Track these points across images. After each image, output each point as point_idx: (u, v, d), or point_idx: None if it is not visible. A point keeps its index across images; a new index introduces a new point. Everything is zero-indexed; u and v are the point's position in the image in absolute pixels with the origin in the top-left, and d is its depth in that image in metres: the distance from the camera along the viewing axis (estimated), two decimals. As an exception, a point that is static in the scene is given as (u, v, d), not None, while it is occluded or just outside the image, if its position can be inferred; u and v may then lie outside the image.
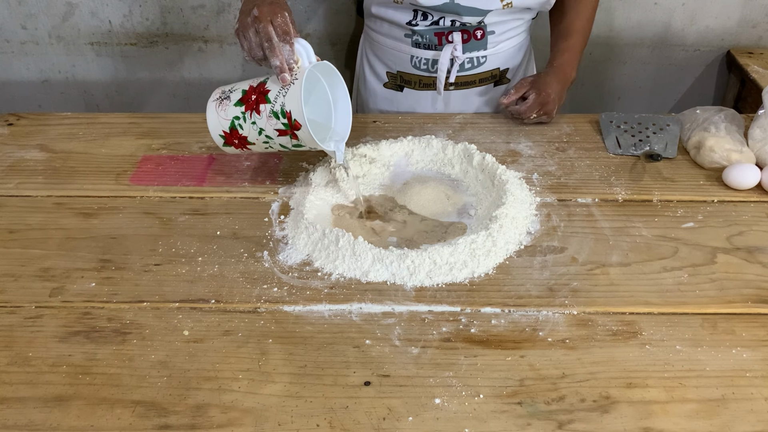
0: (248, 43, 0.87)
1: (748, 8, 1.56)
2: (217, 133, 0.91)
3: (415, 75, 1.19)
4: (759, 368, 0.71)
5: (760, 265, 0.84)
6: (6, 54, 1.66)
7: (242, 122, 0.88)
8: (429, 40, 1.13)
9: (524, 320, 0.76)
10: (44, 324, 0.76)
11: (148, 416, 0.66)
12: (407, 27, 1.13)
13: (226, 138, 0.91)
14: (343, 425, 0.65)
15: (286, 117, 0.84)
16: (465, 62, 1.15)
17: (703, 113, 1.07)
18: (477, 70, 1.17)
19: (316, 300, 0.79)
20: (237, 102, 0.88)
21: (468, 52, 1.14)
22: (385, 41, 1.19)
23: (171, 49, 1.65)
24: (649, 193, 0.96)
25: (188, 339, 0.74)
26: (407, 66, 1.18)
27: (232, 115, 0.88)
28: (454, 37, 1.12)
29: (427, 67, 1.17)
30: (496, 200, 0.92)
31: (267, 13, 0.85)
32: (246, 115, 0.87)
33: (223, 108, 0.89)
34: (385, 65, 1.21)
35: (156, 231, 0.90)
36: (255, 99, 0.86)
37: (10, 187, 0.99)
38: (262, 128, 0.87)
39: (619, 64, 1.67)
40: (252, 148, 0.91)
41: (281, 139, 0.88)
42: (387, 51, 1.19)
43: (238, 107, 0.88)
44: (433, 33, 1.12)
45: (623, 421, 0.65)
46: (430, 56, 1.15)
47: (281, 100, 0.84)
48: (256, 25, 0.85)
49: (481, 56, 1.16)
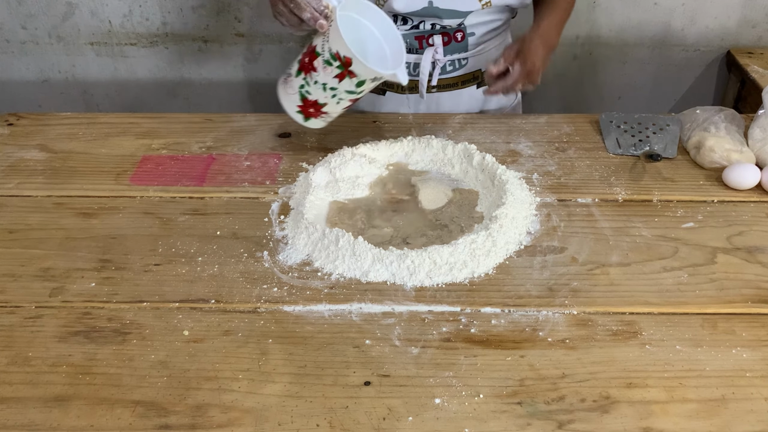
0: (284, 17, 0.91)
1: (748, 8, 1.56)
2: (294, 111, 0.96)
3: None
4: (759, 368, 0.71)
5: (760, 265, 0.84)
6: (6, 54, 1.66)
7: (307, 87, 0.92)
8: (410, 44, 1.13)
9: (524, 320, 0.76)
10: (44, 324, 0.76)
11: (148, 416, 0.66)
12: None
13: (303, 111, 0.95)
14: (343, 425, 0.65)
15: (337, 58, 0.87)
16: (446, 65, 1.15)
17: (703, 113, 1.07)
18: (459, 72, 1.17)
19: (316, 300, 0.79)
20: (297, 72, 0.93)
21: (449, 55, 1.14)
22: None
23: (171, 49, 1.65)
24: (649, 193, 0.96)
25: (188, 339, 0.74)
26: None
27: (297, 86, 0.93)
28: (434, 40, 1.12)
29: (408, 71, 1.16)
30: (496, 200, 0.92)
31: None
32: (307, 78, 0.91)
33: (289, 84, 0.94)
34: None
35: (156, 231, 0.90)
36: (308, 59, 0.90)
37: (10, 187, 0.99)
38: (324, 82, 0.90)
39: (619, 64, 1.67)
40: (328, 110, 0.95)
41: (344, 85, 0.90)
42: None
43: (299, 76, 0.92)
44: (414, 37, 1.12)
45: (623, 421, 0.65)
46: (412, 60, 1.14)
47: (327, 47, 0.88)
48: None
49: (462, 58, 1.16)
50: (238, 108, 1.74)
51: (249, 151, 1.07)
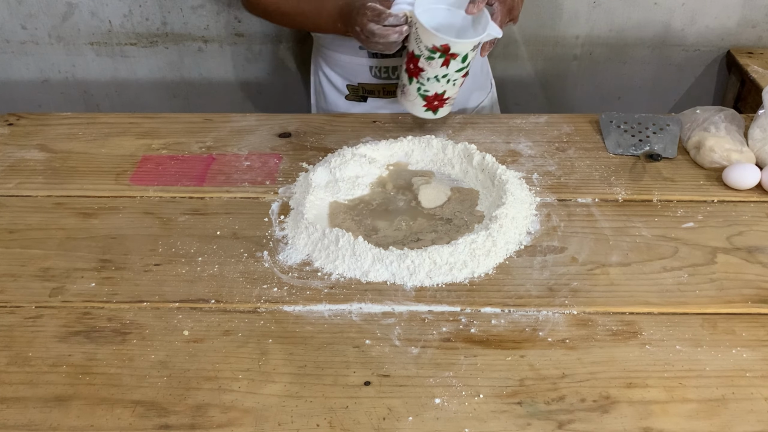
0: (377, 38, 0.95)
1: (748, 8, 1.56)
2: (423, 112, 1.01)
3: (377, 84, 1.19)
4: (759, 368, 0.71)
5: (760, 265, 0.84)
6: (6, 54, 1.66)
7: (424, 87, 0.98)
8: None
9: (524, 320, 0.76)
10: (44, 324, 0.76)
11: (148, 416, 0.66)
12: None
13: (430, 107, 1.01)
14: (343, 425, 0.65)
15: (435, 51, 0.92)
16: None
17: (703, 113, 1.07)
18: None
19: (316, 300, 0.79)
20: (408, 80, 0.99)
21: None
22: (340, 57, 1.18)
23: (171, 49, 1.65)
24: (649, 193, 0.96)
25: (188, 339, 0.74)
26: (368, 77, 1.18)
27: (414, 91, 0.99)
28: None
29: (388, 75, 1.17)
30: (496, 200, 0.92)
31: (359, 18, 0.96)
32: (420, 80, 0.97)
33: (407, 93, 1.00)
34: (344, 78, 1.21)
35: (156, 231, 0.90)
36: (412, 66, 0.96)
37: (10, 187, 0.99)
38: (436, 75, 0.96)
39: (619, 64, 1.67)
40: (449, 95, 1.00)
41: (453, 67, 0.95)
42: (344, 65, 1.19)
43: (412, 82, 0.98)
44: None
45: (623, 421, 0.65)
46: (389, 63, 1.15)
47: (422, 46, 0.93)
48: (362, 35, 0.97)
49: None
50: (238, 108, 1.74)
51: (249, 151, 1.07)
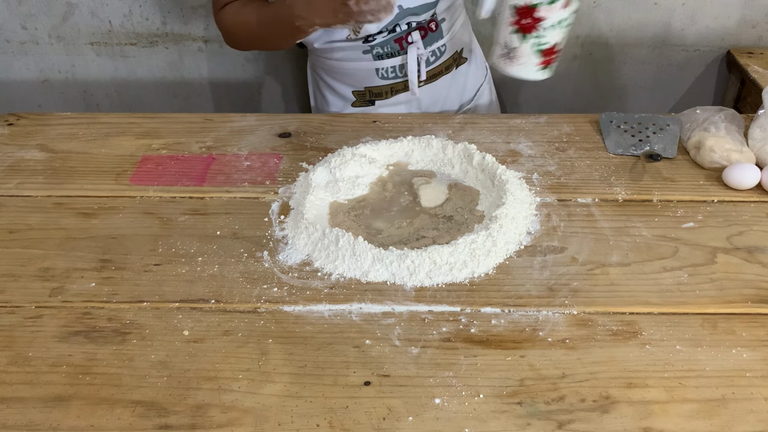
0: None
1: (748, 8, 1.56)
2: (535, 71, 0.90)
3: (384, 85, 1.19)
4: (759, 368, 0.71)
5: (760, 265, 0.84)
6: (6, 54, 1.66)
7: (541, 40, 0.87)
8: (391, 48, 1.14)
9: (524, 320, 0.76)
10: (44, 324, 0.76)
11: (148, 416, 0.66)
12: (365, 44, 1.13)
13: (546, 62, 0.90)
14: (343, 425, 0.65)
15: None
16: (428, 57, 1.17)
17: (703, 113, 1.07)
18: (440, 60, 1.19)
19: (316, 300, 0.79)
20: (521, 39, 0.87)
21: (429, 47, 1.16)
22: (343, 65, 1.18)
23: (171, 49, 1.65)
24: (649, 193, 0.96)
25: (188, 339, 0.74)
26: (374, 80, 1.18)
27: (529, 48, 0.88)
28: (413, 36, 1.13)
29: (395, 74, 1.17)
30: (496, 200, 0.92)
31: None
32: (538, 33, 0.86)
33: (517, 56, 0.89)
34: (349, 85, 1.21)
35: (156, 231, 0.90)
36: (529, 19, 0.85)
37: (10, 187, 0.99)
38: (559, 20, 0.86)
39: (619, 64, 1.67)
40: (561, 44, 0.90)
41: (571, 8, 0.86)
42: (348, 73, 1.19)
43: (526, 39, 0.87)
44: (393, 41, 1.13)
45: (623, 421, 0.65)
46: (396, 63, 1.16)
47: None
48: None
49: (441, 46, 1.17)
50: (238, 108, 1.74)
51: (249, 151, 1.07)
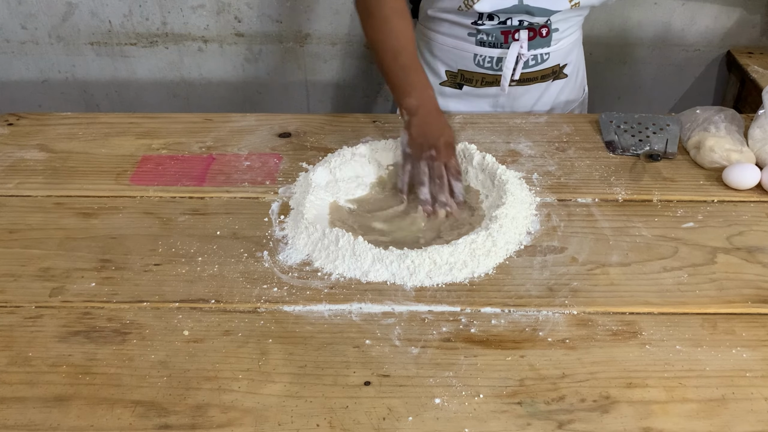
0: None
1: (748, 8, 1.56)
2: None
3: (477, 73, 1.18)
4: (759, 368, 0.71)
5: (760, 265, 0.84)
6: (6, 54, 1.66)
7: None
8: (495, 39, 1.12)
9: (524, 320, 0.76)
10: (44, 324, 0.76)
11: (148, 416, 0.66)
12: (472, 27, 1.12)
13: None
14: (343, 425, 0.65)
15: None
16: (529, 59, 1.15)
17: (703, 113, 1.07)
18: (540, 67, 1.17)
19: (316, 300, 0.79)
20: None
21: (533, 50, 1.14)
22: (445, 40, 1.17)
23: (171, 49, 1.65)
24: (649, 193, 0.96)
25: (188, 339, 0.74)
26: (470, 65, 1.17)
27: None
28: (520, 35, 1.11)
29: (491, 65, 1.16)
30: (496, 200, 0.92)
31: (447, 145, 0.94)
32: None
33: None
34: (444, 64, 1.20)
35: (156, 231, 0.90)
36: None
37: (10, 187, 0.99)
38: None
39: (619, 64, 1.67)
40: None
41: None
42: (448, 50, 1.18)
43: None
44: (500, 32, 1.11)
45: (623, 421, 0.65)
46: (495, 54, 1.14)
47: None
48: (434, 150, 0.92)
49: (544, 53, 1.16)
50: (238, 108, 1.74)
51: (249, 151, 1.07)
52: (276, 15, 1.60)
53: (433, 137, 0.93)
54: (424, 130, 0.94)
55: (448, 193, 0.91)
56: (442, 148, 0.92)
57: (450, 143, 0.94)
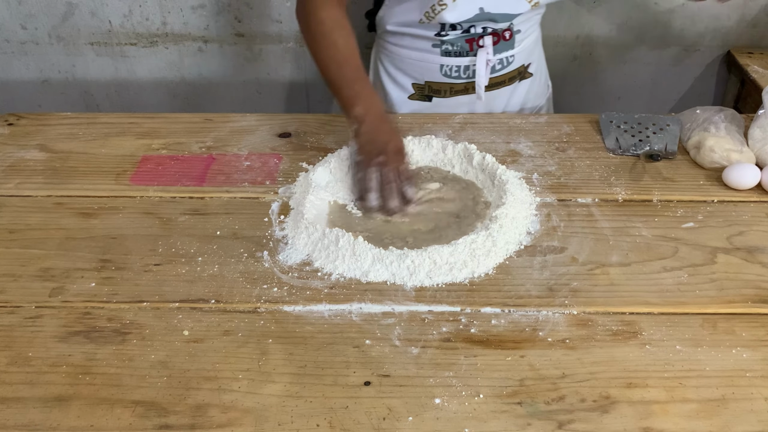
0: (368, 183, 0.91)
1: (748, 8, 1.56)
2: None
3: (445, 83, 1.17)
4: (759, 368, 0.71)
5: (760, 265, 0.84)
6: (6, 54, 1.66)
7: None
8: (460, 47, 1.12)
9: (524, 320, 0.76)
10: (44, 324, 0.76)
11: (148, 416, 0.66)
12: (436, 38, 1.12)
13: None
14: (343, 425, 0.65)
15: None
16: (496, 64, 1.15)
17: (703, 113, 1.07)
18: (506, 70, 1.17)
19: (316, 300, 0.79)
20: None
21: (498, 54, 1.14)
22: (409, 54, 1.17)
23: (171, 49, 1.65)
24: (649, 193, 0.96)
25: (188, 339, 0.74)
26: (437, 75, 1.17)
27: None
28: (485, 41, 1.11)
29: (458, 74, 1.16)
30: (496, 200, 0.92)
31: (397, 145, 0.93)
32: None
33: None
34: (410, 77, 1.19)
35: (156, 231, 0.90)
36: None
37: (10, 187, 0.99)
38: None
39: (619, 64, 1.67)
40: None
41: None
42: (412, 63, 1.17)
43: None
44: (464, 40, 1.12)
45: (623, 421, 0.65)
46: (462, 63, 1.14)
47: None
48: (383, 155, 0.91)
49: (509, 56, 1.16)
50: (238, 108, 1.74)
51: (249, 151, 1.07)
52: (276, 15, 1.60)
53: (382, 143, 0.92)
54: (372, 137, 0.93)
55: (400, 198, 0.90)
56: (391, 154, 0.91)
57: (399, 148, 0.93)
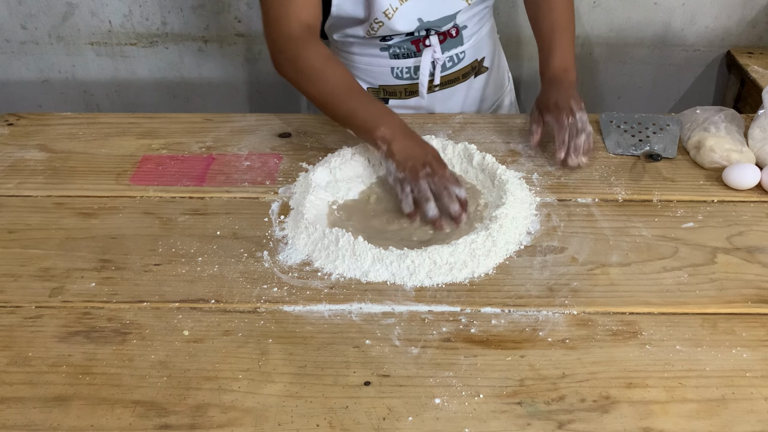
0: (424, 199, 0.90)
1: (748, 8, 1.56)
2: None
3: (399, 85, 1.17)
4: (759, 368, 0.71)
5: (760, 265, 0.84)
6: (6, 54, 1.66)
7: None
8: (407, 49, 1.12)
9: (524, 320, 0.76)
10: (44, 324, 0.76)
11: (148, 416, 0.66)
12: (382, 43, 1.12)
13: None
14: (343, 425, 0.65)
15: None
16: (445, 62, 1.15)
17: (703, 113, 1.07)
18: (458, 67, 1.17)
19: (316, 300, 0.79)
20: None
21: (447, 51, 1.14)
22: (360, 60, 1.16)
23: (171, 49, 1.65)
24: (649, 193, 0.96)
25: (188, 339, 0.74)
26: (389, 78, 1.17)
27: None
28: (431, 40, 1.11)
29: (410, 75, 1.16)
30: (496, 200, 0.92)
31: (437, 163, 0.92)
32: None
33: None
34: (365, 81, 1.19)
35: (156, 231, 0.90)
36: None
37: (10, 187, 0.99)
38: None
39: (619, 64, 1.67)
40: None
41: None
42: (364, 68, 1.17)
43: None
44: (410, 42, 1.12)
45: (623, 421, 0.65)
46: (411, 64, 1.14)
47: None
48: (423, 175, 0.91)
49: (459, 52, 1.16)
50: (238, 108, 1.74)
51: (249, 151, 1.07)
52: (276, 15, 1.60)
53: (421, 155, 0.92)
54: (409, 152, 0.93)
55: (457, 202, 0.90)
56: (434, 163, 0.92)
57: (438, 157, 0.94)
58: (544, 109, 1.03)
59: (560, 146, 0.99)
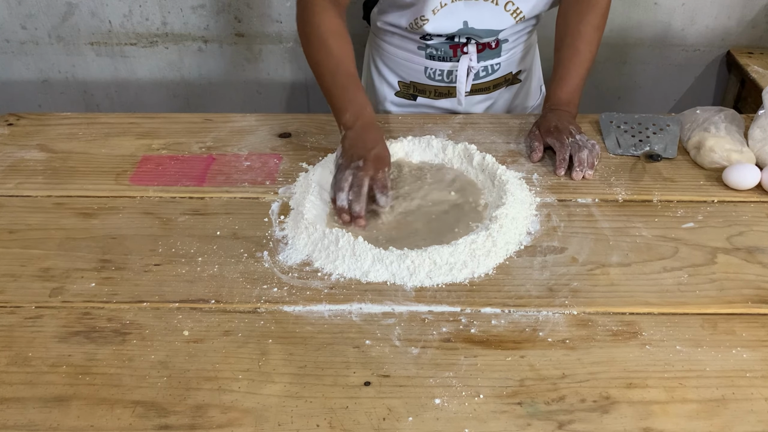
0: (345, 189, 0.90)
1: (748, 8, 1.56)
2: None
3: (430, 85, 1.18)
4: (759, 368, 0.71)
5: (760, 265, 0.84)
6: (6, 54, 1.66)
7: None
8: (444, 53, 1.12)
9: (524, 320, 0.76)
10: (44, 324, 0.76)
11: (148, 416, 0.66)
12: (421, 41, 1.12)
13: None
14: (343, 425, 0.65)
15: None
16: (479, 71, 1.15)
17: (703, 113, 1.07)
18: (491, 77, 1.17)
19: (316, 300, 0.79)
20: None
21: (482, 62, 1.14)
22: (396, 52, 1.17)
23: (171, 49, 1.65)
24: (649, 193, 0.96)
25: (188, 339, 0.74)
26: (421, 77, 1.17)
27: None
28: (469, 48, 1.11)
29: (442, 78, 1.16)
30: (496, 200, 0.92)
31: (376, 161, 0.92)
32: None
33: None
34: (397, 75, 1.20)
35: (156, 231, 0.90)
36: None
37: (10, 187, 0.99)
38: None
39: (619, 64, 1.67)
40: None
41: None
42: (399, 62, 1.18)
43: None
44: (449, 46, 1.12)
45: (623, 422, 0.65)
46: (446, 67, 1.14)
47: None
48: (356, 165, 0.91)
49: (495, 64, 1.16)
50: (238, 108, 1.74)
51: (249, 151, 1.07)
52: (276, 15, 1.60)
53: (364, 150, 0.93)
54: (356, 143, 0.94)
55: (364, 204, 0.89)
56: (370, 161, 0.91)
57: (380, 157, 0.93)
58: (544, 132, 1.03)
59: (560, 163, 0.99)
